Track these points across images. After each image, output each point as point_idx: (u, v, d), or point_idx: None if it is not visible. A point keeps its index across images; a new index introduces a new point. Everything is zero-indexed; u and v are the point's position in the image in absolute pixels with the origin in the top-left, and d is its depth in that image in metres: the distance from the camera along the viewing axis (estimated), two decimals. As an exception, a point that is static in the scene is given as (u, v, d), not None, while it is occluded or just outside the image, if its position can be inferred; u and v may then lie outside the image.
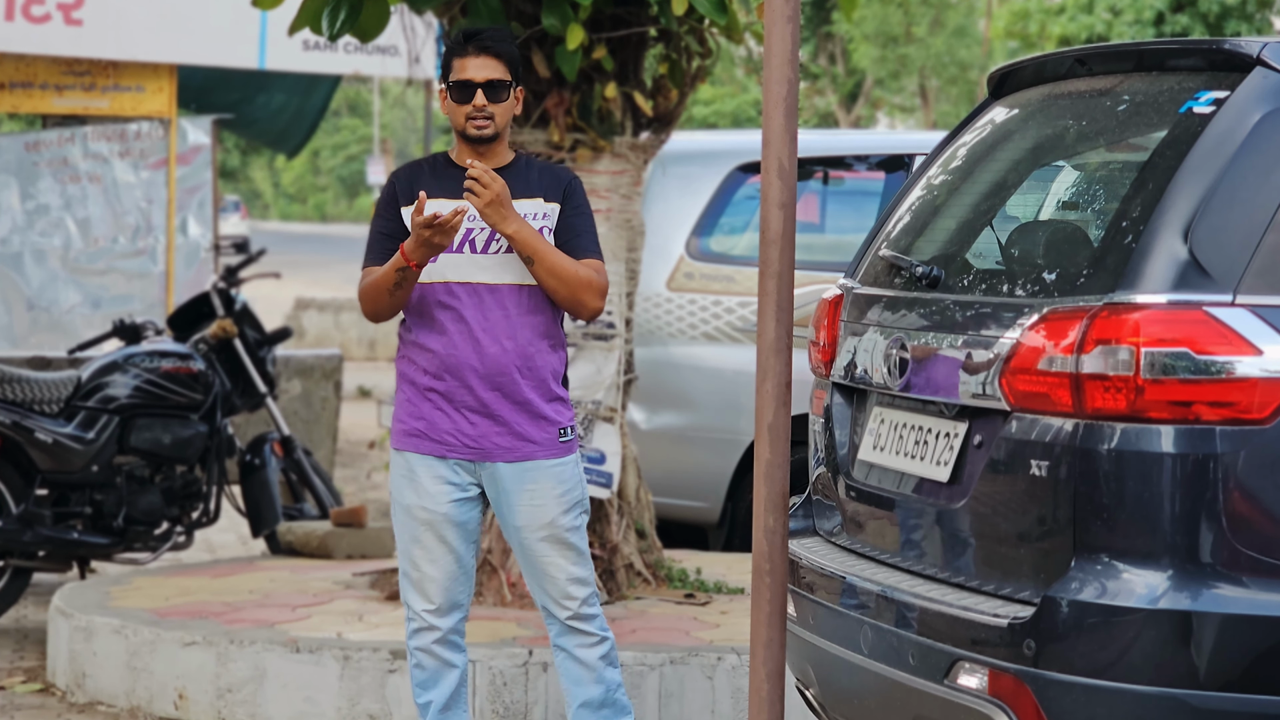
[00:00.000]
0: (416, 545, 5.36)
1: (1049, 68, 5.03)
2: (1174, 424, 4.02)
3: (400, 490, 5.38)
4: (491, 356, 5.26)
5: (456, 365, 5.27)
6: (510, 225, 5.19)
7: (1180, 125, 4.34)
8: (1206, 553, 4.00)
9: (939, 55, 40.70)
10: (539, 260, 5.22)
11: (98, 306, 14.94)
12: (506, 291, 5.29)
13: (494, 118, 5.29)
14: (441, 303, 5.28)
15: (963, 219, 5.03)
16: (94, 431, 8.43)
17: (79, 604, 7.29)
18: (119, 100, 15.19)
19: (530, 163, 5.42)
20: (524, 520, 5.33)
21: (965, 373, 4.42)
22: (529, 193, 5.33)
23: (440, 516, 5.33)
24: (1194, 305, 4.06)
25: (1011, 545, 4.27)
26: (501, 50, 5.31)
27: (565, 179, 5.39)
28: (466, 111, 5.29)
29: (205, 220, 15.52)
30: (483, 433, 5.28)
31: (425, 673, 5.42)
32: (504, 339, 5.26)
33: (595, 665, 5.39)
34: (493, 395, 5.26)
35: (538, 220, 5.30)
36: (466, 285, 5.28)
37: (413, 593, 5.39)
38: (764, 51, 4.61)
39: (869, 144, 9.83)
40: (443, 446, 5.31)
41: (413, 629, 5.42)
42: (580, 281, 5.27)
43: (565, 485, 5.36)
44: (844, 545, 4.97)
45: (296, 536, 8.62)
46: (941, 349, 4.55)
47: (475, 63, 5.29)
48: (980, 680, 4.18)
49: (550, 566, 5.37)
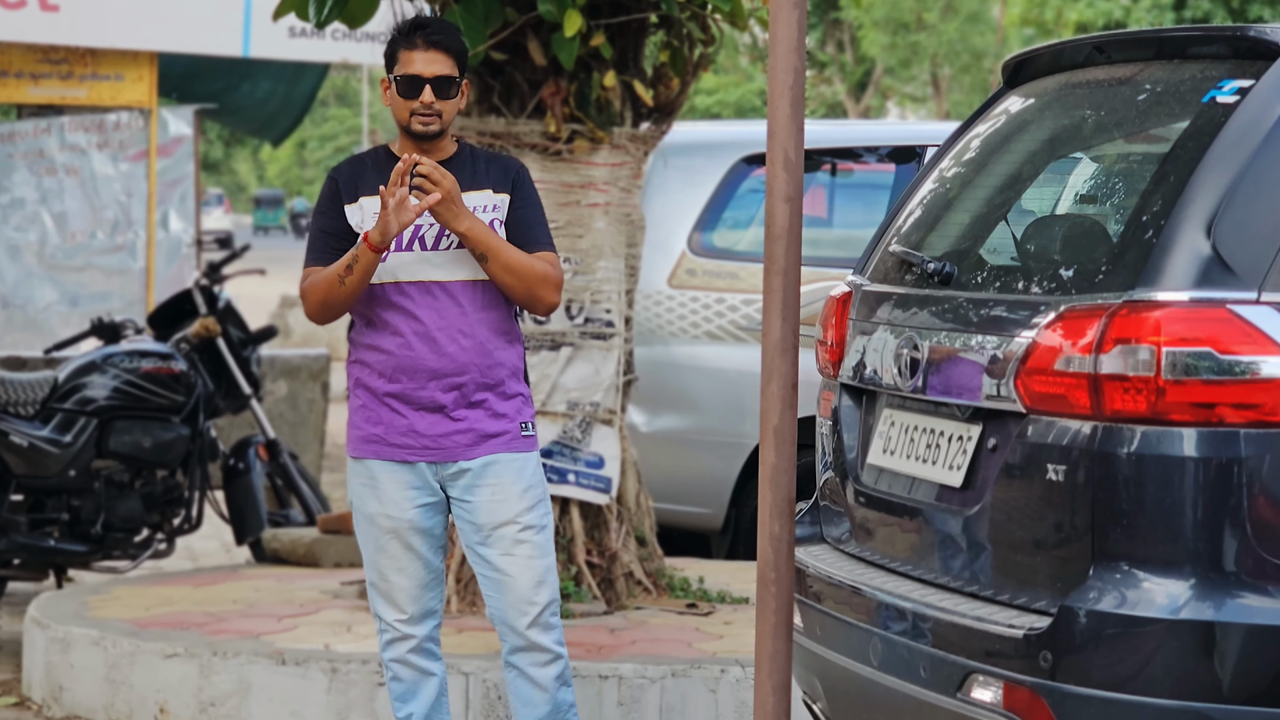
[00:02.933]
0: (382, 555, 5.37)
1: (1066, 56, 5.03)
2: (1196, 427, 4.02)
3: (362, 499, 5.39)
4: (449, 355, 5.28)
5: (413, 366, 5.28)
6: (463, 223, 5.21)
7: (1203, 115, 4.34)
8: (1230, 561, 4.00)
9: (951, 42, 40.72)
10: (493, 257, 5.24)
11: (75, 304, 14.96)
12: (460, 288, 5.30)
13: (441, 114, 5.32)
14: (393, 303, 5.30)
15: (976, 213, 5.03)
16: (71, 435, 8.43)
17: (56, 614, 7.29)
18: (97, 89, 15.21)
19: (475, 152, 5.45)
20: (485, 518, 5.32)
21: (979, 373, 4.42)
22: (477, 184, 5.35)
23: (405, 523, 5.35)
24: (1217, 303, 4.06)
25: (1027, 553, 4.28)
26: (450, 45, 5.33)
27: (513, 168, 5.42)
28: (413, 107, 5.31)
29: (187, 214, 15.55)
30: (443, 433, 5.30)
31: (403, 684, 5.43)
32: (460, 337, 5.28)
33: (549, 685, 5.37)
34: (451, 395, 5.28)
35: (487, 213, 5.32)
36: (418, 284, 5.30)
37: (382, 603, 5.41)
38: (769, 38, 4.62)
39: (879, 135, 9.83)
40: (403, 450, 5.32)
41: (386, 640, 5.43)
42: (536, 276, 5.29)
43: (527, 481, 5.36)
44: (853, 553, 4.97)
45: (282, 544, 8.62)
46: (954, 349, 4.55)
47: (423, 57, 5.31)
48: (995, 693, 4.18)
49: (511, 566, 5.33)
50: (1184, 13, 29.80)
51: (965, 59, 41.50)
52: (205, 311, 9.02)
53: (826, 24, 44.13)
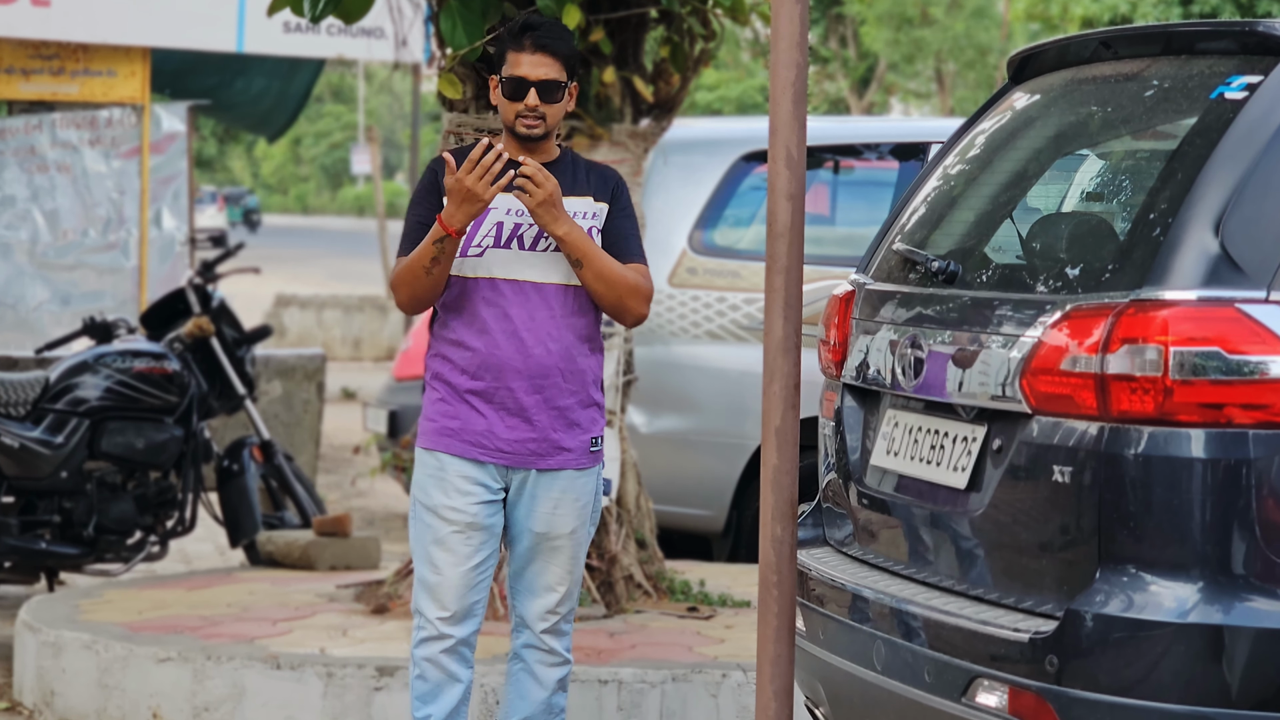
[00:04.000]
0: (439, 547, 5.38)
1: (1072, 51, 5.03)
2: (1204, 427, 4.02)
3: (426, 490, 5.41)
4: (536, 357, 5.31)
5: (498, 365, 5.32)
6: (561, 227, 5.25)
7: (1211, 112, 4.34)
8: (1239, 564, 4.00)
9: (956, 38, 40.70)
10: (588, 264, 5.29)
11: (67, 303, 14.95)
12: (553, 291, 5.34)
13: (545, 118, 5.35)
14: (485, 299, 5.34)
15: (981, 211, 5.03)
16: (63, 436, 8.43)
17: (47, 618, 7.29)
18: (89, 85, 15.20)
19: (577, 159, 5.50)
20: (543, 527, 5.39)
21: (983, 373, 4.42)
22: (577, 190, 5.40)
23: (468, 518, 5.37)
24: (1226, 302, 4.06)
25: (1033, 555, 4.28)
26: (559, 49, 5.36)
27: (613, 179, 5.48)
28: (518, 109, 5.34)
29: (180, 212, 15.53)
30: (519, 438, 5.34)
31: (428, 684, 5.42)
32: (549, 340, 5.32)
33: (549, 685, 5.47)
34: (534, 399, 5.33)
35: (586, 220, 5.36)
36: (512, 282, 5.33)
37: (426, 599, 5.41)
38: (771, 33, 4.61)
39: (882, 131, 9.84)
40: (477, 449, 5.36)
41: (421, 637, 5.43)
42: (628, 287, 5.33)
43: (588, 496, 5.45)
44: (856, 555, 4.97)
45: (277, 546, 8.62)
46: (959, 348, 4.55)
47: (531, 60, 5.34)
48: (1000, 698, 4.18)
49: (549, 577, 5.43)
50: (1191, 7, 29.79)
51: (970, 54, 41.48)
52: (199, 311, 9.02)
53: (829, 19, 44.13)
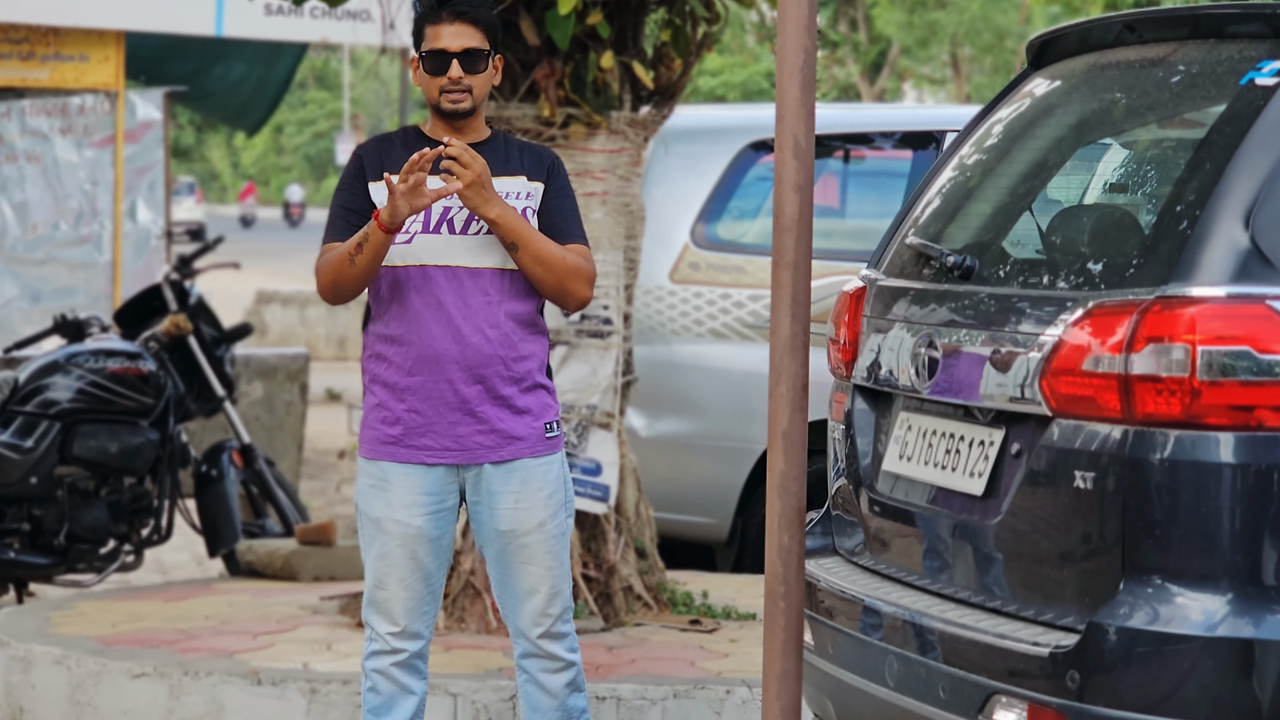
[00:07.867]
0: (384, 561, 5.40)
1: (1094, 35, 5.04)
2: (1234, 431, 4.02)
3: (369, 502, 5.41)
4: (474, 346, 5.30)
5: (435, 357, 5.30)
6: (493, 209, 5.24)
7: (1241, 99, 4.34)
8: (1270, 574, 4.00)
9: (972, 21, 40.70)
10: (524, 247, 5.27)
11: (37, 300, 14.96)
12: (489, 276, 5.33)
13: (471, 90, 5.35)
14: (417, 288, 5.32)
15: (999, 203, 5.03)
16: (32, 439, 8.43)
17: (16, 631, 7.30)
18: (60, 71, 15.20)
19: (509, 139, 5.50)
20: (508, 524, 5.37)
21: (1002, 374, 4.42)
22: (510, 170, 5.39)
23: (414, 530, 5.37)
24: (1256, 299, 4.06)
25: (1053, 566, 4.28)
26: (479, 16, 5.36)
27: (548, 158, 5.48)
28: (441, 84, 5.35)
29: (156, 204, 15.55)
30: (465, 433, 5.33)
31: (379, 697, 5.45)
32: (487, 327, 5.31)
33: (558, 692, 5.47)
34: (474, 390, 5.31)
35: (520, 200, 5.35)
36: (445, 269, 5.32)
37: (375, 614, 5.43)
38: (777, 16, 4.62)
39: (895, 119, 9.84)
40: (422, 453, 5.34)
41: (371, 650, 5.46)
42: (568, 269, 5.32)
43: (553, 485, 5.42)
44: (867, 565, 4.98)
45: (258, 556, 8.62)
46: (975, 348, 4.55)
47: (450, 30, 5.34)
48: (1019, 716, 4.19)
49: (528, 578, 5.41)
50: (1220, -11, 29.78)
51: (987, 38, 41.47)
52: (175, 308, 9.02)
53: (839, 1, 44.16)
